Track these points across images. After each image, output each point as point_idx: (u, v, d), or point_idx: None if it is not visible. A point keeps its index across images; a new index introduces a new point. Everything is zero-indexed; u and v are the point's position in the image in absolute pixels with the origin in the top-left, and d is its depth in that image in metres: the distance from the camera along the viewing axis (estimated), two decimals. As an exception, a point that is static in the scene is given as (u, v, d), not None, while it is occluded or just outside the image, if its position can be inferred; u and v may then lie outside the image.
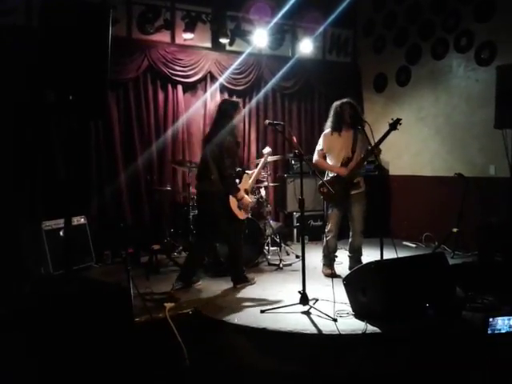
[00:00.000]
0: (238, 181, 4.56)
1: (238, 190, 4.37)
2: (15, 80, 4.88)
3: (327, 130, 4.83)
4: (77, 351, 2.75)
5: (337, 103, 4.77)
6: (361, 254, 4.86)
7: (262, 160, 5.17)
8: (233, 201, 4.36)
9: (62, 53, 2.86)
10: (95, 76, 2.95)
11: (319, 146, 4.85)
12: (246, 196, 4.44)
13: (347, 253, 4.95)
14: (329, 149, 4.79)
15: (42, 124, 5.18)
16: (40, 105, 3.45)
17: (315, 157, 4.85)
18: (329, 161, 4.82)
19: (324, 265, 4.88)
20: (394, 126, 4.40)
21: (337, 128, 4.73)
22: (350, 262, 4.88)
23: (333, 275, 4.60)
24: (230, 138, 4.26)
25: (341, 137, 4.73)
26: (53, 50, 2.86)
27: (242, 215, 4.48)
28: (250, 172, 4.96)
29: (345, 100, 4.73)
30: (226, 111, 4.37)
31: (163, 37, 6.07)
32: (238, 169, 4.69)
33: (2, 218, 4.75)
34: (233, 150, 4.29)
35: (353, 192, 4.69)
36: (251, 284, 4.48)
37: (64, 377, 2.73)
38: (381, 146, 4.56)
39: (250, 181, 4.83)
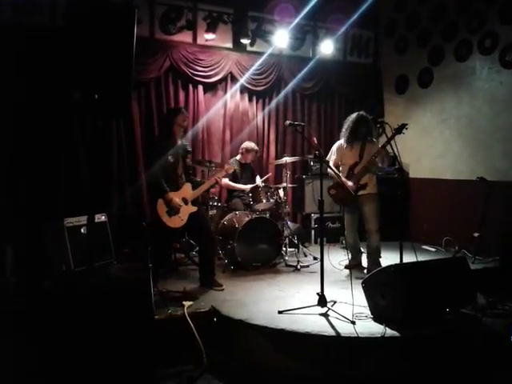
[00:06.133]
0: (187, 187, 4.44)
1: (166, 192, 4.21)
2: (40, 79, 4.97)
3: (342, 140, 5.00)
4: (98, 346, 2.79)
5: (352, 119, 4.88)
6: (379, 255, 4.85)
7: (217, 174, 4.74)
8: (161, 206, 4.22)
9: (88, 52, 2.90)
10: (120, 75, 2.98)
11: (333, 156, 5.01)
12: (176, 199, 4.25)
13: (365, 252, 4.98)
14: (341, 158, 5.00)
15: (65, 122, 5.27)
16: (65, 103, 3.52)
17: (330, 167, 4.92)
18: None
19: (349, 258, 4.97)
20: (399, 130, 4.46)
21: (350, 142, 4.91)
22: (368, 262, 4.90)
23: (349, 267, 4.75)
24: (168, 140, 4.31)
25: (351, 147, 4.91)
26: (79, 49, 2.91)
27: (172, 222, 4.25)
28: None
29: (360, 115, 4.85)
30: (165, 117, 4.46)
31: (185, 37, 6.12)
32: (192, 178, 4.70)
33: (26, 214, 4.84)
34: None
35: (360, 193, 4.78)
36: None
37: (85, 370, 2.78)
38: (401, 149, 4.52)
39: (194, 191, 4.49)
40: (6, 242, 4.21)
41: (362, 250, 5.13)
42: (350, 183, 4.78)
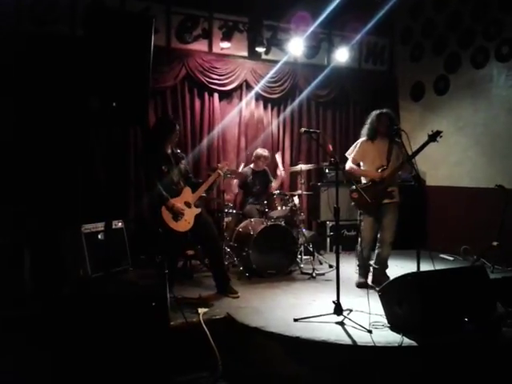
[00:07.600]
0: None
1: (167, 199, 4.27)
2: (60, 88, 5.06)
3: (363, 137, 4.77)
4: (114, 352, 2.81)
5: (375, 113, 4.66)
6: (386, 267, 4.73)
7: (213, 175, 4.71)
8: (165, 213, 4.24)
9: (106, 61, 2.95)
10: (137, 83, 3.03)
11: (352, 153, 4.75)
12: (178, 204, 4.29)
13: (372, 264, 4.76)
14: (363, 156, 4.71)
15: (83, 130, 5.35)
16: (83, 111, 3.57)
17: (349, 163, 4.74)
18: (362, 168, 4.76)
19: (359, 275, 4.80)
20: (433, 137, 4.27)
21: (372, 136, 4.67)
22: (375, 274, 4.73)
23: (366, 285, 4.56)
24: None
25: (375, 145, 4.66)
26: (97, 58, 2.96)
27: (179, 227, 4.30)
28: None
29: (384, 110, 4.62)
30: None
31: (201, 46, 6.19)
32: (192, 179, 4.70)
33: (44, 220, 4.90)
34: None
35: (385, 201, 4.59)
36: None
37: (100, 377, 2.79)
38: (417, 156, 4.46)
39: (195, 193, 4.52)
40: (24, 247, 4.27)
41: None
42: (376, 173, 4.54)
